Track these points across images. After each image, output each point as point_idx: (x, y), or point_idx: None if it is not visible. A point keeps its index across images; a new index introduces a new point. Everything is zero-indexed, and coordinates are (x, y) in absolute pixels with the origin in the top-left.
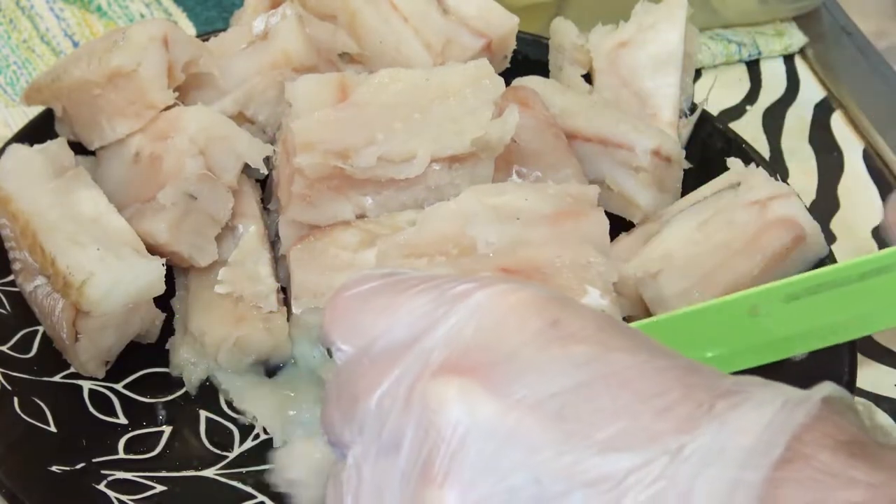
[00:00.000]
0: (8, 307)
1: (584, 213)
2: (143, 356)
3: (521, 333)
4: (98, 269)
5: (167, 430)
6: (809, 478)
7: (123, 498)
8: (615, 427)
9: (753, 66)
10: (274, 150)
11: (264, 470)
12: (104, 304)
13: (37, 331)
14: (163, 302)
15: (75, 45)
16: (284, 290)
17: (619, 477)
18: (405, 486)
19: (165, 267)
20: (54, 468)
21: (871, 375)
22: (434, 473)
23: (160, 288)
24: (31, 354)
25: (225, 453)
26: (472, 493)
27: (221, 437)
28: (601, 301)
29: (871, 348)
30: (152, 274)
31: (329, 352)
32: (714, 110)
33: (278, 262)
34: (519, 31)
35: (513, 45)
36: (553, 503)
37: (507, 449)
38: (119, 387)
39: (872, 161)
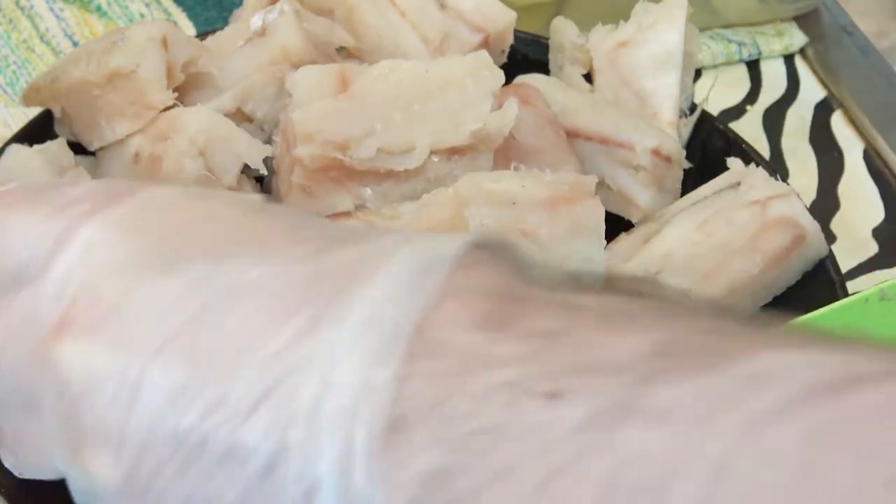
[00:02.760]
0: None
1: (580, 200)
2: None
3: (129, 269)
4: None
5: None
6: (442, 367)
7: None
8: (236, 357)
9: (753, 66)
10: (273, 140)
11: None
12: None
13: None
14: None
15: (75, 45)
16: None
17: (244, 411)
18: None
19: None
20: None
21: None
22: (86, 440)
23: None
24: None
25: None
26: (124, 453)
27: None
28: None
29: None
30: None
31: None
32: (714, 110)
33: None
34: (519, 31)
35: (510, 39)
36: (194, 449)
37: (139, 405)
38: None
39: (872, 161)
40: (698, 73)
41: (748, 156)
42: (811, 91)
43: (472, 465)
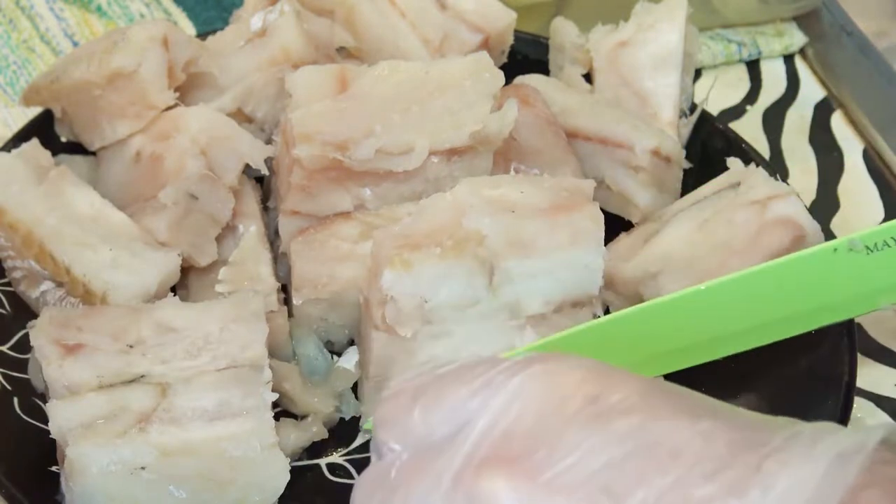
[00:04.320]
0: (8, 307)
1: (579, 207)
2: None
3: (562, 415)
4: (117, 276)
5: None
6: None
7: None
8: (664, 497)
9: (753, 66)
10: (273, 140)
11: None
12: (130, 303)
13: None
14: None
15: (75, 45)
16: (285, 290)
17: None
18: None
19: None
20: (54, 468)
21: (871, 375)
22: None
23: (177, 276)
24: (32, 355)
25: None
26: None
27: None
28: None
29: (871, 348)
30: (170, 265)
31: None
32: (714, 110)
33: (277, 260)
34: (518, 31)
35: (510, 40)
36: None
37: None
38: None
39: (872, 161)
40: (698, 73)
41: (748, 156)
42: (811, 91)
43: None
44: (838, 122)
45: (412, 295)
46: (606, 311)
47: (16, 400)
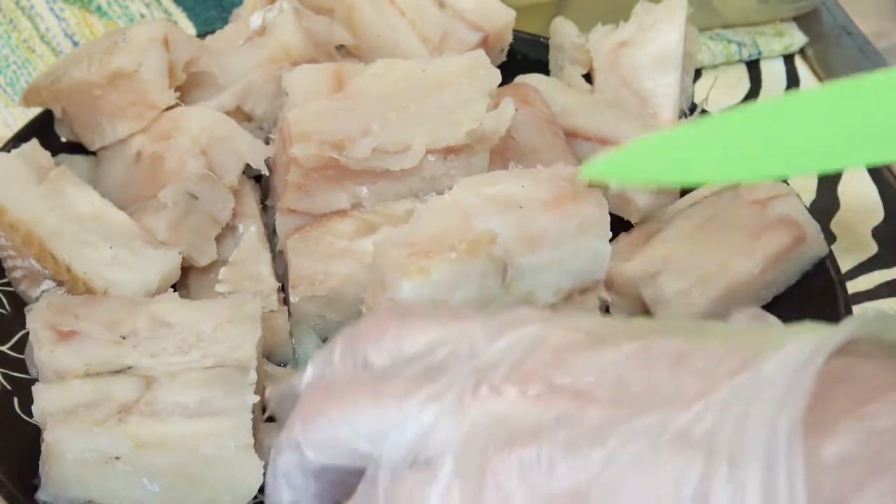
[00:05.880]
0: (8, 307)
1: (583, 196)
2: None
3: (571, 348)
4: (117, 274)
5: None
6: (858, 384)
7: None
8: (664, 386)
9: (753, 66)
10: (271, 139)
11: None
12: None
13: None
14: None
15: (75, 45)
16: (284, 289)
17: (681, 425)
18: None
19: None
20: None
21: None
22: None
23: (177, 275)
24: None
25: None
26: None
27: None
28: None
29: None
30: (170, 263)
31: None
32: (714, 110)
33: (276, 259)
34: (518, 31)
35: (509, 38)
36: (629, 463)
37: (573, 437)
38: None
39: None
40: (698, 73)
41: None
42: None
43: (880, 455)
44: None
45: (429, 301)
46: (606, 311)
47: (16, 400)
